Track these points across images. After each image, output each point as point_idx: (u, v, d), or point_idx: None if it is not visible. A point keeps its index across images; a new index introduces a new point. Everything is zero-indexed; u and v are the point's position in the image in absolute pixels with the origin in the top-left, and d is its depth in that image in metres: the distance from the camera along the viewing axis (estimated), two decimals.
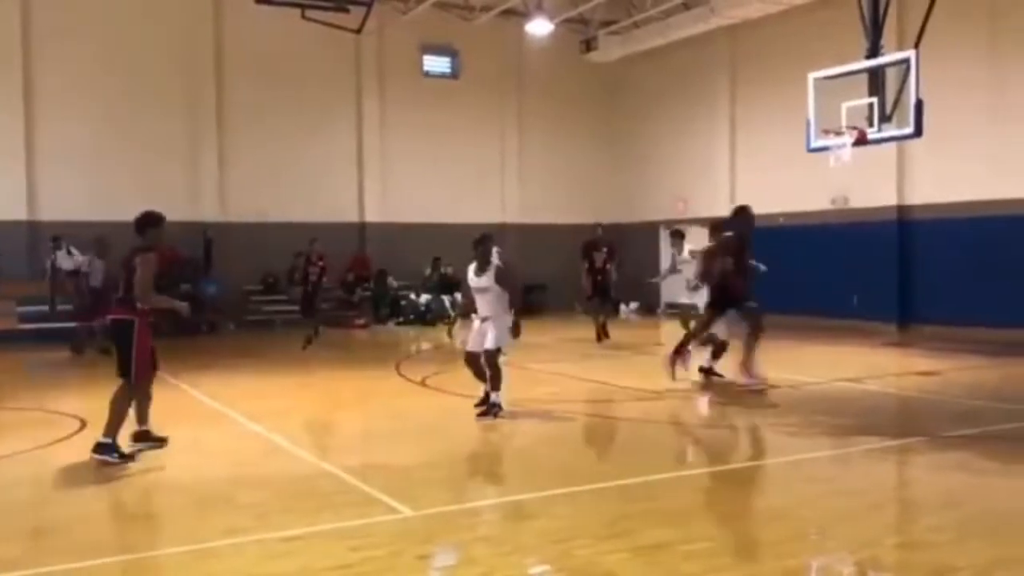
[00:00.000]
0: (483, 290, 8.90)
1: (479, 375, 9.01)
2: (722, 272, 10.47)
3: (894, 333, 17.02)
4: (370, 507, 5.81)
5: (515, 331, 8.92)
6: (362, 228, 21.69)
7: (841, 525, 5.53)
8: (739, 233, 10.74)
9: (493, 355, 8.77)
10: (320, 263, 15.42)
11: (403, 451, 7.51)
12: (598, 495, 6.15)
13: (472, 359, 9.04)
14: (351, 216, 21.57)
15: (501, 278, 8.85)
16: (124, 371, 7.21)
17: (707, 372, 11.09)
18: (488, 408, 8.79)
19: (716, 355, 11.04)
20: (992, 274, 15.47)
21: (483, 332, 8.87)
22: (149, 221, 7.41)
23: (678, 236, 15.11)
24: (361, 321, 19.90)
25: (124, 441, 7.20)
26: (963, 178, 16.12)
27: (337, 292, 20.43)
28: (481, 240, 8.98)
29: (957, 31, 15.44)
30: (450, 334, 12.97)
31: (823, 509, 5.92)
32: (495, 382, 8.79)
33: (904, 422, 9.27)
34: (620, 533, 5.23)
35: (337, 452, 7.67)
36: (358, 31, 19.15)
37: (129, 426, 7.35)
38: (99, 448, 7.02)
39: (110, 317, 7.48)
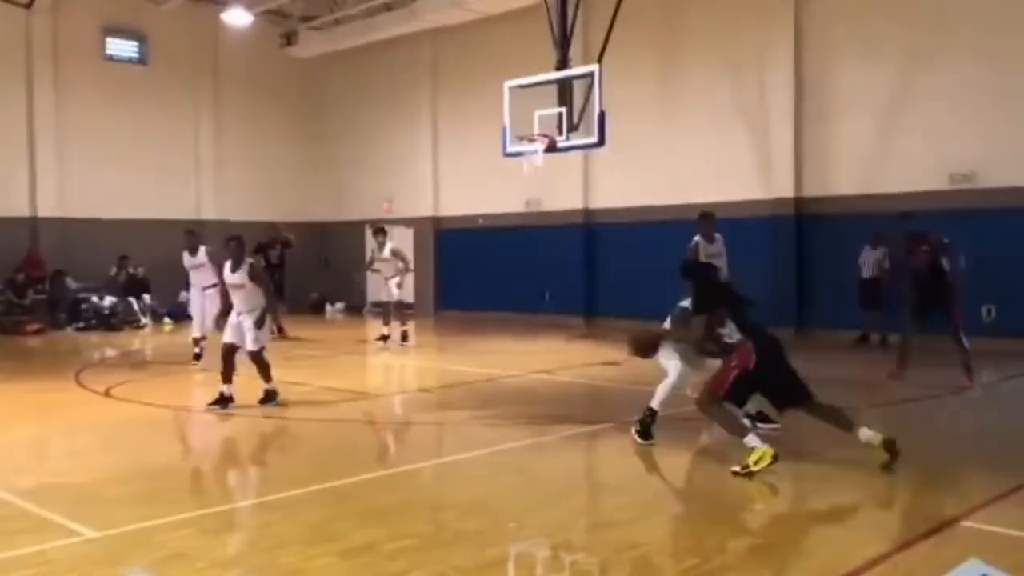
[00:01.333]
0: (237, 286, 9.38)
1: (227, 369, 9.25)
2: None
3: (582, 326, 18.29)
4: (47, 532, 5.26)
5: (259, 323, 9.22)
6: (34, 224, 19.60)
7: (538, 510, 5.84)
8: None
9: (258, 354, 9.30)
10: None
11: (85, 468, 6.91)
12: (305, 499, 6.02)
13: (228, 351, 9.30)
14: (21, 211, 19.42)
15: (254, 275, 9.40)
16: None
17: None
18: (267, 396, 9.29)
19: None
20: (663, 272, 17.04)
21: (240, 326, 9.30)
22: None
23: (380, 233, 15.26)
24: (35, 327, 18.02)
25: None
26: (638, 185, 17.69)
27: (7, 295, 18.45)
28: (233, 238, 9.61)
29: (636, 50, 16.87)
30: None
31: (520, 496, 6.23)
32: (266, 375, 9.37)
33: (592, 410, 9.96)
34: (328, 537, 5.16)
35: (6, 473, 6.87)
36: (28, 5, 17.33)
37: None
38: None
39: None
